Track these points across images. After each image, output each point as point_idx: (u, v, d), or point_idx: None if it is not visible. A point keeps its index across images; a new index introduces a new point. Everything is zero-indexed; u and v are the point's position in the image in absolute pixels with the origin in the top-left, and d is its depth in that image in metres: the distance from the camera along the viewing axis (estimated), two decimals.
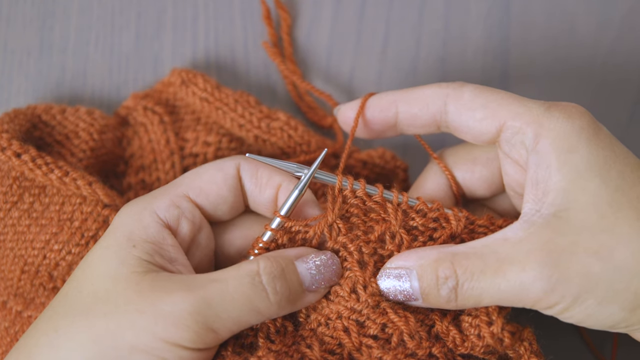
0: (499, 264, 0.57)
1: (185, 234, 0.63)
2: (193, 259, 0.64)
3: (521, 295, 0.57)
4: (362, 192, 0.63)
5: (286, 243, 0.63)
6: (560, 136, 0.59)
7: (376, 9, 0.89)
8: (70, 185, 0.70)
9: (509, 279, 0.56)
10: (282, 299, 0.58)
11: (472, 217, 0.65)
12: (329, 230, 0.63)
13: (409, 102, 0.66)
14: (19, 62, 0.88)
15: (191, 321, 0.55)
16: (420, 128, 0.67)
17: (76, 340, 0.56)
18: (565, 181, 0.58)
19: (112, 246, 0.60)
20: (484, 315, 0.59)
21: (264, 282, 0.58)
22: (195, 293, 0.56)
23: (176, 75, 0.83)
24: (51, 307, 0.60)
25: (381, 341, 0.61)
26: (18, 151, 0.70)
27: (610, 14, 0.87)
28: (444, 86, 0.64)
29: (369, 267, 0.63)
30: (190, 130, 0.80)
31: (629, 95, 0.86)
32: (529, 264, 0.56)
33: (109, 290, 0.57)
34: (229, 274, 0.58)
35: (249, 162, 0.64)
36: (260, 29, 0.89)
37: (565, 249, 0.56)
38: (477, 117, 0.63)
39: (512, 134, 0.61)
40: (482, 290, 0.57)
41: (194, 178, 0.64)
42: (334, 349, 0.62)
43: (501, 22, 0.88)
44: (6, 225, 0.74)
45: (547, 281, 0.55)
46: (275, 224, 0.63)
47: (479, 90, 0.63)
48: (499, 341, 0.59)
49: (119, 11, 0.90)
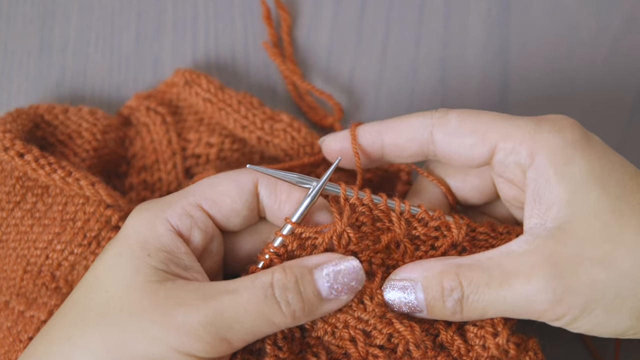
0: (504, 277, 0.57)
1: (197, 243, 0.62)
2: (203, 266, 0.64)
3: (527, 307, 0.57)
4: (368, 199, 0.63)
5: (296, 249, 0.63)
6: (555, 150, 0.59)
7: (376, 9, 0.89)
8: (73, 186, 0.70)
9: (514, 291, 0.56)
10: (295, 310, 0.58)
11: (473, 225, 0.65)
12: (337, 239, 0.62)
13: (394, 134, 0.65)
14: (19, 62, 0.88)
15: (204, 332, 0.55)
16: (408, 158, 0.67)
17: (89, 349, 0.55)
18: (566, 193, 0.58)
19: (126, 254, 0.59)
20: (490, 326, 0.60)
21: (277, 294, 0.57)
22: (209, 304, 0.55)
23: (180, 76, 0.83)
24: (62, 314, 0.59)
25: (387, 351, 0.61)
26: (21, 151, 0.70)
27: (610, 14, 0.88)
28: (428, 115, 0.64)
29: (377, 277, 0.63)
30: (193, 131, 0.80)
31: (629, 96, 0.86)
32: (534, 276, 0.56)
33: (123, 298, 0.57)
34: (243, 285, 0.58)
35: (267, 177, 0.64)
36: (260, 29, 0.89)
37: (570, 260, 0.56)
38: (467, 144, 0.62)
39: (505, 155, 0.61)
40: (487, 303, 0.57)
41: (208, 188, 0.63)
42: (340, 358, 0.62)
43: (501, 22, 0.88)
44: (9, 225, 0.74)
45: (553, 293, 0.55)
46: (286, 230, 0.62)
47: (464, 115, 0.63)
48: (504, 352, 0.59)
49: (119, 11, 0.89)
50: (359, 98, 0.87)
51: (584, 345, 0.78)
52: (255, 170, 0.63)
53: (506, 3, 0.89)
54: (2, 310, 0.73)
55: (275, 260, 0.62)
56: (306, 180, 0.63)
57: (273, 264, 0.62)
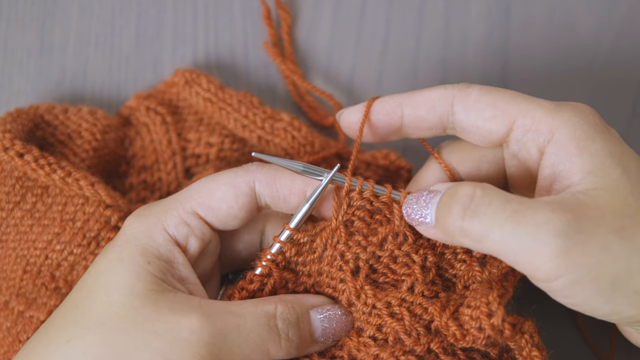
0: (522, 207, 0.54)
1: (194, 250, 0.62)
2: (199, 267, 0.64)
3: (532, 248, 0.53)
4: (370, 193, 0.63)
5: (293, 256, 0.63)
6: (576, 127, 0.58)
7: (376, 9, 0.89)
8: (73, 186, 0.70)
9: (526, 225, 0.53)
10: (292, 346, 0.58)
11: None
12: (331, 237, 0.63)
13: (414, 105, 0.65)
14: (19, 62, 0.88)
15: (206, 352, 0.54)
16: (427, 131, 0.66)
17: (89, 354, 0.55)
18: (590, 165, 0.57)
19: (127, 259, 0.58)
20: (484, 307, 0.59)
21: (279, 327, 0.58)
22: (214, 323, 0.55)
23: (180, 76, 0.83)
24: (61, 315, 0.58)
25: (380, 341, 0.61)
26: (21, 151, 0.70)
27: (610, 13, 0.88)
28: (450, 87, 0.64)
29: (362, 271, 0.63)
30: (193, 130, 0.80)
31: (629, 95, 0.86)
32: (553, 219, 0.53)
33: (125, 305, 0.56)
34: (247, 309, 0.58)
35: (264, 175, 0.63)
36: (260, 29, 0.89)
37: (591, 219, 0.54)
38: (486, 116, 0.62)
39: (523, 132, 0.61)
40: (493, 223, 0.54)
41: (204, 193, 0.62)
42: (334, 353, 0.63)
43: (501, 22, 0.88)
44: (9, 225, 0.74)
45: (565, 240, 0.53)
46: (284, 236, 0.62)
47: (486, 90, 0.62)
48: (500, 333, 0.58)
49: (119, 11, 0.90)
50: (359, 98, 0.87)
51: (579, 332, 0.78)
52: (260, 158, 0.63)
53: (506, 3, 0.89)
54: (2, 311, 0.73)
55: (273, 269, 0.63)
56: (312, 170, 0.62)
57: (270, 272, 0.63)
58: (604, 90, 0.86)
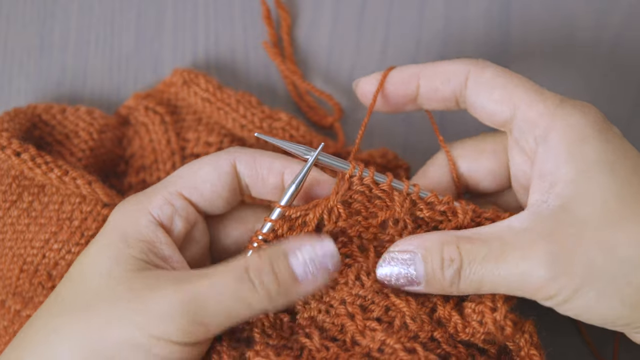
0: (502, 250, 0.57)
1: (179, 231, 0.63)
2: (188, 254, 0.64)
3: (522, 283, 0.57)
4: (370, 179, 0.63)
5: (285, 232, 0.63)
6: (573, 128, 0.59)
7: (376, 9, 0.89)
8: (70, 185, 0.70)
9: (511, 265, 0.57)
10: (271, 290, 0.57)
11: (479, 211, 0.65)
12: (328, 214, 0.62)
13: (431, 76, 0.66)
14: (19, 62, 0.88)
15: (179, 316, 0.55)
16: (441, 102, 0.67)
17: (70, 338, 0.56)
18: (574, 172, 0.58)
19: (106, 245, 0.60)
20: (489, 302, 0.60)
21: (251, 276, 0.57)
22: (183, 288, 0.56)
23: (178, 76, 0.83)
24: (46, 306, 0.60)
25: (385, 325, 0.61)
26: (17, 150, 0.70)
27: (611, 12, 0.87)
28: (467, 62, 0.65)
29: (370, 252, 0.63)
30: (192, 130, 0.80)
31: (630, 95, 0.86)
32: (532, 252, 0.56)
33: (102, 287, 0.57)
34: (217, 269, 0.58)
35: (245, 154, 0.64)
36: (260, 29, 0.89)
37: (570, 240, 0.56)
38: (493, 97, 0.63)
39: (524, 123, 0.62)
40: (483, 276, 0.57)
41: (188, 175, 0.64)
42: (335, 335, 0.62)
43: (501, 21, 0.88)
44: (5, 224, 0.74)
45: (548, 270, 0.55)
46: (275, 214, 0.62)
47: (501, 71, 0.63)
48: (500, 329, 0.59)
49: (119, 11, 0.90)
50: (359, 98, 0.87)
51: (583, 341, 0.78)
52: (262, 138, 0.64)
53: (506, 3, 0.88)
54: None
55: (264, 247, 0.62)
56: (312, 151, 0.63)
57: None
58: (603, 90, 0.86)
